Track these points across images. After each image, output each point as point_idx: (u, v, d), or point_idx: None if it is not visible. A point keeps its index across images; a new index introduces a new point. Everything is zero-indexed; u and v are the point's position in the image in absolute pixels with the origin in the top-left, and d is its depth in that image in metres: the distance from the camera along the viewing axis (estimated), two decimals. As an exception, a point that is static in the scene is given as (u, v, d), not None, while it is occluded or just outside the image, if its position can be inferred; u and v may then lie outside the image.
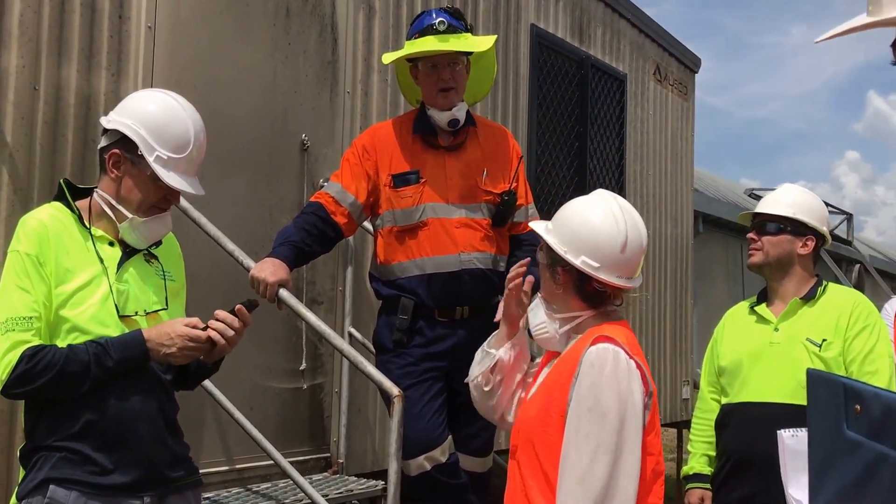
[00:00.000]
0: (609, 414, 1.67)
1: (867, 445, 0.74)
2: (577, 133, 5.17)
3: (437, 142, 2.75)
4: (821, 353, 2.46)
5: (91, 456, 1.74)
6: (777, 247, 2.58)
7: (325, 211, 2.68)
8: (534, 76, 4.78)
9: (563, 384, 1.73)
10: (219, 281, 3.03)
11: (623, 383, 1.69)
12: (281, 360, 3.37)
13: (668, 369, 6.25)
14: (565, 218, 1.86)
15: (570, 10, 5.19)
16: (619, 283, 1.80)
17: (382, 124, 2.96)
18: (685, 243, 6.62)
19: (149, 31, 2.95)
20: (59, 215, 1.83)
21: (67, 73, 2.73)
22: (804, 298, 2.55)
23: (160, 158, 1.84)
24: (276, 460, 2.99)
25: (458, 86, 2.72)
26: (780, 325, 2.55)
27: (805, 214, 2.58)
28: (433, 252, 2.65)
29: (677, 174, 6.49)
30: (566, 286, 1.82)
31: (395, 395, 2.42)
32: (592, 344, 1.73)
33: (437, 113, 2.72)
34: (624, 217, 1.81)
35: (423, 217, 2.67)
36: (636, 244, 1.81)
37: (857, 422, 0.76)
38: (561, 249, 1.80)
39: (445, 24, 2.65)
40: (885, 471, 0.70)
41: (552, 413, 1.73)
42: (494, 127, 2.99)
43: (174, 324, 1.81)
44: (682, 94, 6.61)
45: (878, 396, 0.73)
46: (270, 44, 3.38)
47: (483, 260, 2.69)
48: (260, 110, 3.34)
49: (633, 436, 1.68)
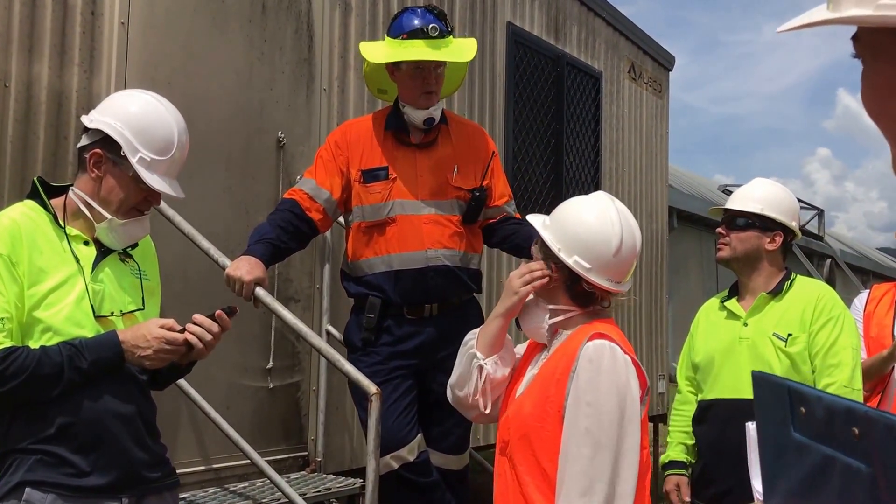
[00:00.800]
0: (609, 408, 1.67)
1: (814, 447, 0.74)
2: (553, 130, 5.19)
3: (408, 139, 2.76)
4: (786, 349, 2.48)
5: (67, 458, 1.72)
6: (744, 242, 2.58)
7: (299, 207, 2.69)
8: (510, 74, 4.79)
9: (560, 379, 1.73)
10: (193, 279, 3.00)
11: (622, 378, 1.70)
12: (257, 358, 3.36)
13: (644, 363, 6.27)
14: (563, 215, 1.86)
15: (546, 9, 5.21)
16: (609, 286, 1.80)
17: (356, 120, 2.97)
18: (660, 239, 6.68)
19: (122, 27, 2.91)
20: (33, 214, 1.80)
21: (39, 69, 2.69)
22: (771, 293, 2.57)
23: (143, 160, 1.82)
24: (253, 459, 2.98)
25: (439, 89, 2.76)
26: (749, 321, 2.57)
27: (773, 210, 2.58)
28: (400, 248, 2.66)
29: (652, 171, 6.55)
30: (557, 282, 1.83)
31: (372, 394, 2.42)
32: (589, 340, 1.74)
33: (415, 112, 2.73)
34: (620, 221, 1.82)
35: (392, 213, 2.67)
36: (630, 249, 1.82)
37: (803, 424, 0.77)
38: (555, 247, 1.81)
39: (437, 31, 2.66)
40: (834, 473, 0.71)
41: (549, 409, 1.73)
42: (467, 124, 2.99)
43: (150, 325, 1.79)
44: (656, 92, 6.67)
45: (821, 399, 0.74)
46: (246, 41, 3.35)
47: (450, 257, 2.69)
48: (236, 107, 3.32)
49: (632, 430, 1.68)
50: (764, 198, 2.60)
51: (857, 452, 0.68)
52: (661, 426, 6.68)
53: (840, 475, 0.70)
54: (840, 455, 0.70)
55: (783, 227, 2.59)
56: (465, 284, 2.75)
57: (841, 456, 0.70)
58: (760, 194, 2.62)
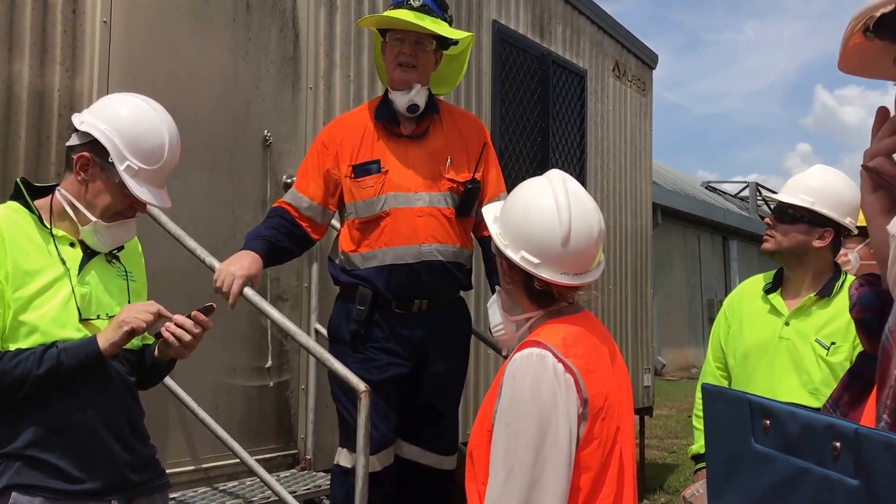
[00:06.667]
0: (525, 429, 1.47)
1: (781, 459, 0.76)
2: (539, 128, 5.21)
3: (399, 130, 2.68)
4: (827, 357, 2.33)
5: (55, 462, 1.71)
6: (790, 238, 2.40)
7: (289, 214, 2.66)
8: (496, 72, 4.80)
9: (492, 396, 1.58)
10: (180, 279, 2.99)
11: (546, 395, 1.48)
12: (246, 357, 3.35)
13: (630, 357, 6.35)
14: (510, 205, 1.66)
15: (531, 7, 5.22)
16: (563, 280, 1.58)
17: (343, 116, 2.91)
18: (644, 235, 6.72)
19: (104, 25, 2.89)
20: (16, 216, 1.77)
21: (19, 68, 2.67)
22: (819, 294, 2.40)
23: (131, 168, 1.79)
24: (243, 459, 2.96)
25: (419, 65, 2.64)
26: (791, 321, 2.42)
27: (826, 204, 2.35)
28: (393, 242, 2.60)
29: (636, 168, 6.59)
30: (515, 283, 1.64)
31: (361, 391, 2.42)
32: (518, 350, 1.55)
33: (397, 96, 2.64)
34: (569, 205, 1.58)
35: (385, 207, 2.60)
36: (583, 237, 1.58)
37: (766, 437, 0.78)
38: (502, 243, 1.61)
39: (420, 2, 2.58)
40: (808, 485, 0.73)
41: (484, 426, 1.57)
42: (460, 114, 2.89)
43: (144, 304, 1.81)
44: (640, 90, 6.70)
45: (796, 415, 0.76)
46: (231, 39, 3.33)
47: (444, 252, 2.64)
48: (221, 106, 3.30)
49: (556, 454, 1.47)
50: (820, 189, 2.37)
51: (839, 466, 0.70)
52: (647, 419, 6.74)
53: (814, 486, 0.73)
54: (815, 468, 0.72)
55: (835, 222, 2.37)
56: (457, 281, 2.71)
57: (816, 468, 0.72)
58: (817, 184, 2.39)
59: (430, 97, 2.72)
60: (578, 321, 1.63)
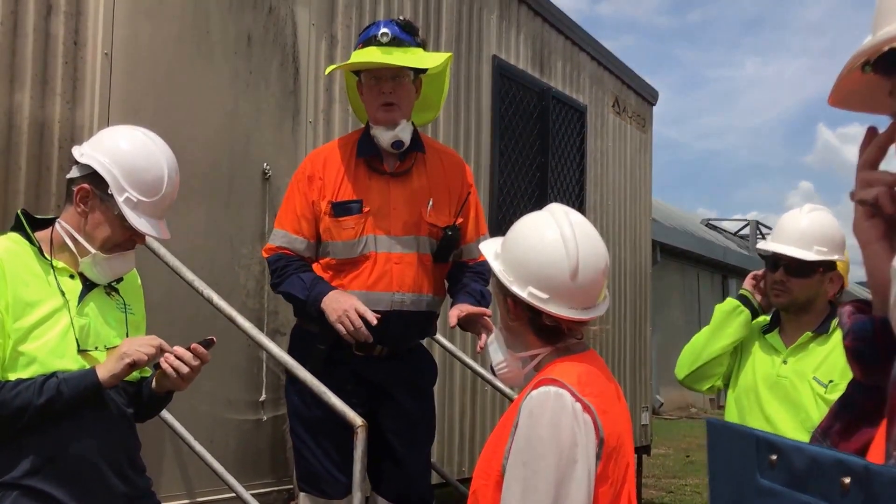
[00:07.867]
0: (546, 470, 1.44)
1: (786, 494, 0.76)
2: (538, 164, 5.23)
3: (381, 167, 2.58)
4: (825, 395, 2.33)
5: (52, 492, 1.70)
6: (808, 289, 2.40)
7: (295, 258, 2.58)
8: (496, 107, 4.83)
9: (504, 435, 1.54)
10: (178, 312, 2.96)
11: (565, 434, 1.46)
12: (242, 391, 3.31)
13: (628, 396, 6.30)
14: (512, 241, 1.64)
15: (532, 43, 5.28)
16: (573, 315, 1.56)
17: (323, 148, 2.79)
18: (644, 272, 6.72)
19: (105, 57, 2.91)
20: (16, 248, 1.79)
21: (20, 99, 2.67)
22: (816, 332, 2.41)
23: (130, 201, 1.81)
24: (238, 493, 2.92)
25: (400, 102, 2.54)
26: (789, 359, 2.43)
27: (837, 251, 2.36)
28: (368, 287, 2.51)
29: (636, 204, 6.61)
30: (520, 319, 1.61)
31: (357, 426, 2.38)
32: (534, 388, 1.53)
33: (381, 132, 2.54)
34: (576, 238, 1.57)
35: (366, 251, 2.52)
36: (591, 270, 1.56)
37: (772, 472, 0.78)
38: (507, 279, 1.58)
39: (389, 37, 2.47)
40: None
41: (493, 465, 1.54)
42: (446, 153, 2.77)
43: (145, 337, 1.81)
44: (640, 126, 6.75)
45: (802, 450, 0.76)
46: (231, 72, 3.36)
47: (416, 302, 2.55)
48: (220, 139, 3.31)
49: (575, 494, 1.44)
50: (828, 236, 2.36)
51: (847, 502, 0.70)
52: (644, 458, 6.67)
53: None
54: (822, 503, 0.72)
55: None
56: (424, 332, 2.67)
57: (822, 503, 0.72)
58: (822, 231, 2.36)
59: (416, 133, 2.62)
60: (586, 359, 1.62)
